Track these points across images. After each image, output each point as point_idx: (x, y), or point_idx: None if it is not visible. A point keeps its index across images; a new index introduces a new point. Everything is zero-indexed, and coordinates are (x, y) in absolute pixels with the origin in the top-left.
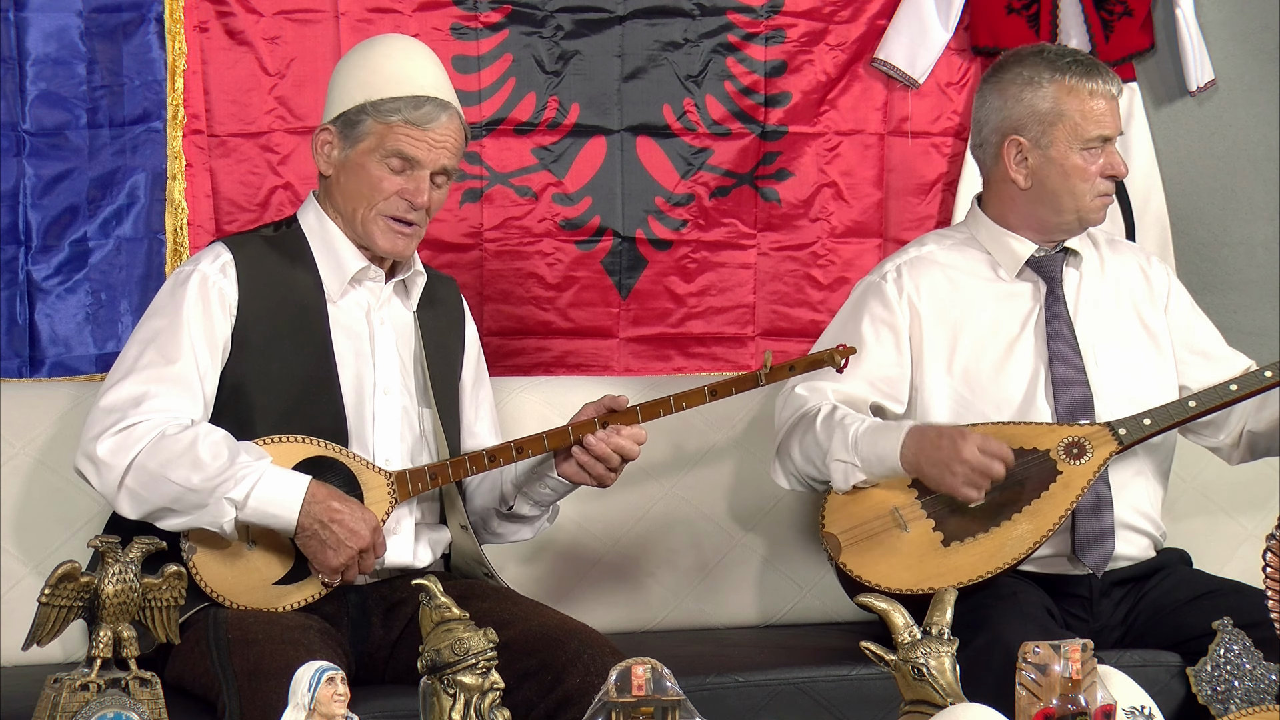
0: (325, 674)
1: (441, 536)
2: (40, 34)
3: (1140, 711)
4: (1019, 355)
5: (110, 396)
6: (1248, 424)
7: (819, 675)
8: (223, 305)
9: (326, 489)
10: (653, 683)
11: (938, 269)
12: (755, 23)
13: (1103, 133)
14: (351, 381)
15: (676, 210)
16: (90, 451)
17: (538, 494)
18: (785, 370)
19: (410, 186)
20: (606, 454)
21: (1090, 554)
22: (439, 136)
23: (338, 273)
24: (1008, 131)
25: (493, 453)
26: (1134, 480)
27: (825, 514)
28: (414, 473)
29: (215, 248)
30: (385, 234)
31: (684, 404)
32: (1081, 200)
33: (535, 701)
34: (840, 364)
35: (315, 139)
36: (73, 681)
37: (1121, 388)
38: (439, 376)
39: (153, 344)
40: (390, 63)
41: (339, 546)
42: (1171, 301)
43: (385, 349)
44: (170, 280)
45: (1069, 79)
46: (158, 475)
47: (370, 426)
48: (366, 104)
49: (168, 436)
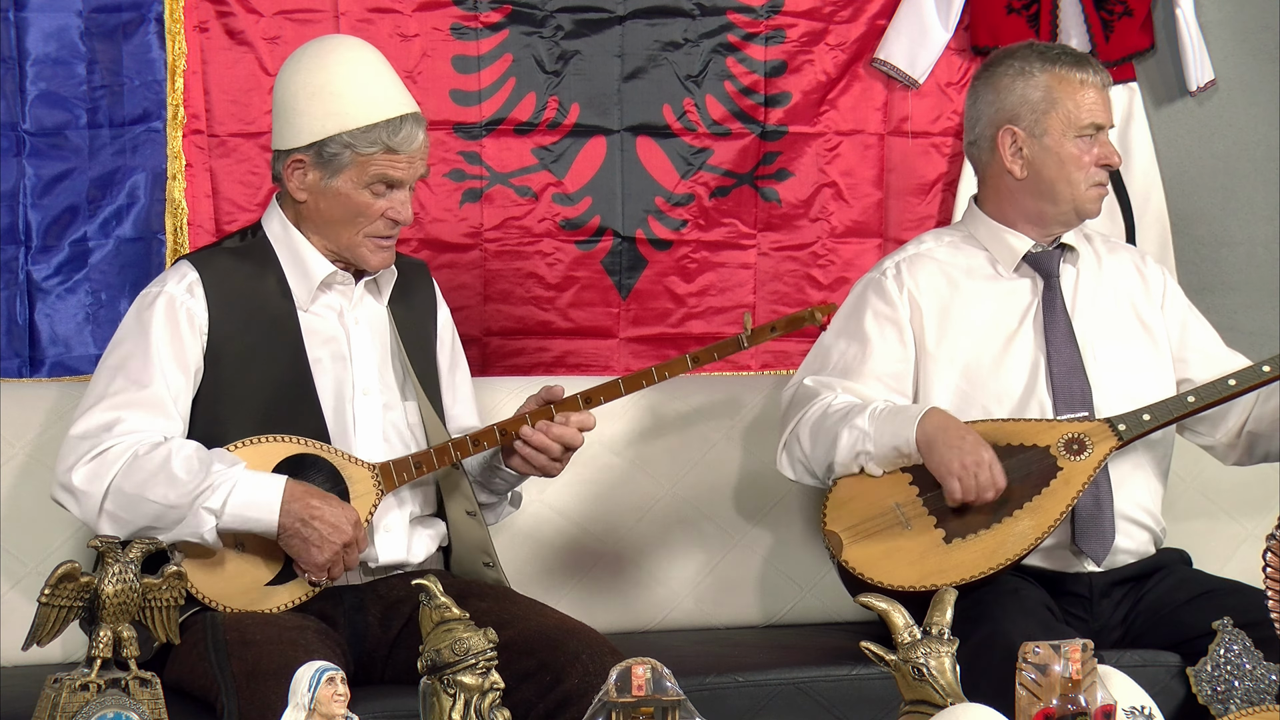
0: (325, 674)
1: (437, 529)
2: (40, 34)
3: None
4: (1018, 349)
5: (81, 424)
6: (1248, 424)
7: (819, 675)
8: (192, 326)
9: (304, 487)
10: (653, 683)
11: (936, 265)
12: (755, 23)
13: (1095, 121)
14: (331, 386)
15: (676, 210)
16: (66, 481)
17: (493, 484)
18: (767, 331)
19: (394, 206)
20: (546, 444)
21: (1091, 544)
22: (416, 151)
23: (305, 280)
24: (1002, 122)
25: (476, 437)
26: (1133, 474)
27: (827, 511)
28: (398, 463)
29: (180, 267)
30: (375, 253)
31: (666, 373)
32: (1077, 190)
33: (535, 701)
34: (822, 321)
35: (285, 164)
36: (73, 681)
37: (1119, 382)
38: (419, 368)
39: (121, 370)
40: (354, 87)
41: (322, 543)
42: (1168, 300)
43: (362, 350)
44: (136, 304)
45: (1060, 69)
46: (135, 496)
47: (352, 429)
48: (342, 135)
49: (140, 457)
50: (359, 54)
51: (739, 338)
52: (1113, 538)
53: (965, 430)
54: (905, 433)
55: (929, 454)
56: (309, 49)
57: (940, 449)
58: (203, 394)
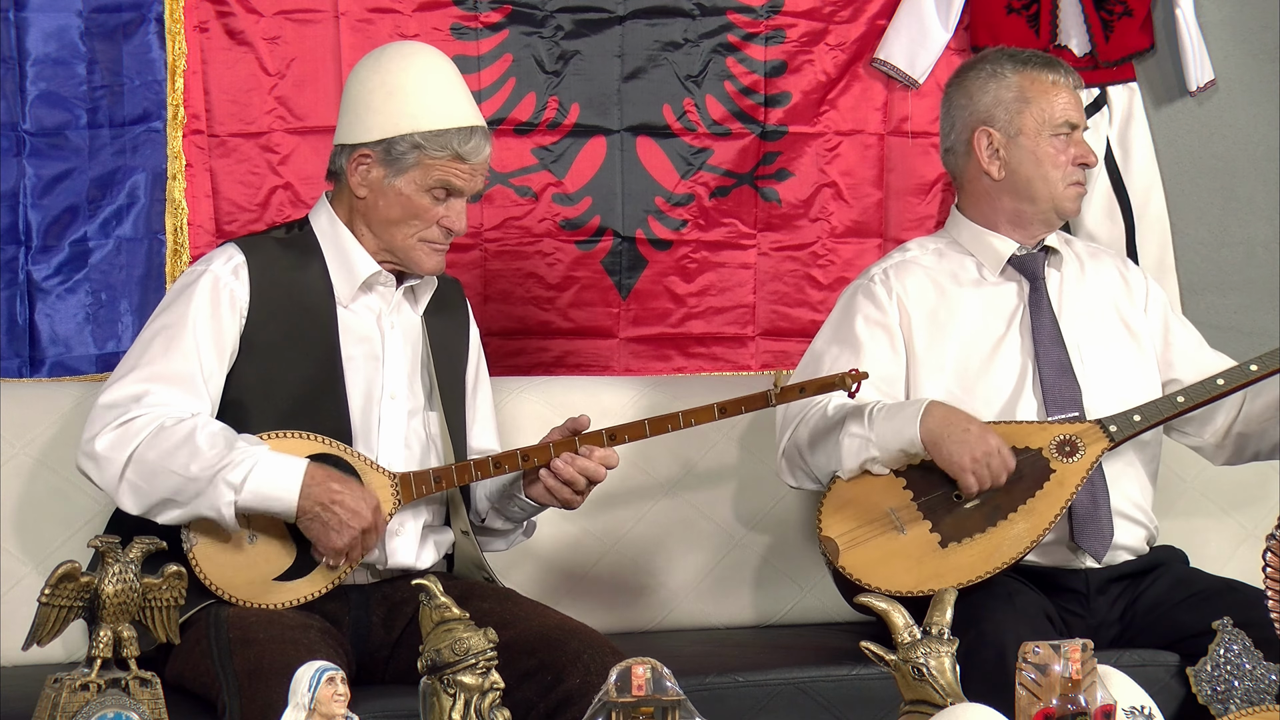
0: (325, 674)
1: (445, 538)
2: (40, 34)
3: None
4: (1006, 353)
5: (110, 394)
6: (1236, 424)
7: (819, 675)
8: (233, 307)
9: (324, 470)
10: (653, 683)
11: (922, 272)
12: (755, 23)
13: (1069, 119)
14: (360, 386)
15: (676, 210)
16: (90, 449)
17: (509, 511)
18: (795, 392)
19: (451, 214)
20: (573, 477)
21: (1090, 541)
22: (480, 164)
23: (349, 277)
24: (976, 124)
25: (498, 459)
26: (1126, 471)
27: (822, 517)
28: (418, 475)
29: (228, 249)
30: (429, 256)
31: (692, 420)
32: (1055, 188)
33: (535, 701)
34: (851, 388)
35: (350, 158)
36: (73, 681)
37: (1108, 383)
38: (446, 380)
39: (155, 342)
40: (431, 92)
41: (341, 528)
42: (1150, 303)
43: (395, 354)
44: (181, 279)
45: (1031, 69)
46: (157, 466)
47: (375, 431)
48: (415, 135)
49: (165, 429)
50: (438, 62)
51: (768, 394)
52: (1111, 534)
53: (969, 420)
54: (908, 432)
55: (936, 450)
56: (390, 49)
57: (947, 444)
58: (234, 377)
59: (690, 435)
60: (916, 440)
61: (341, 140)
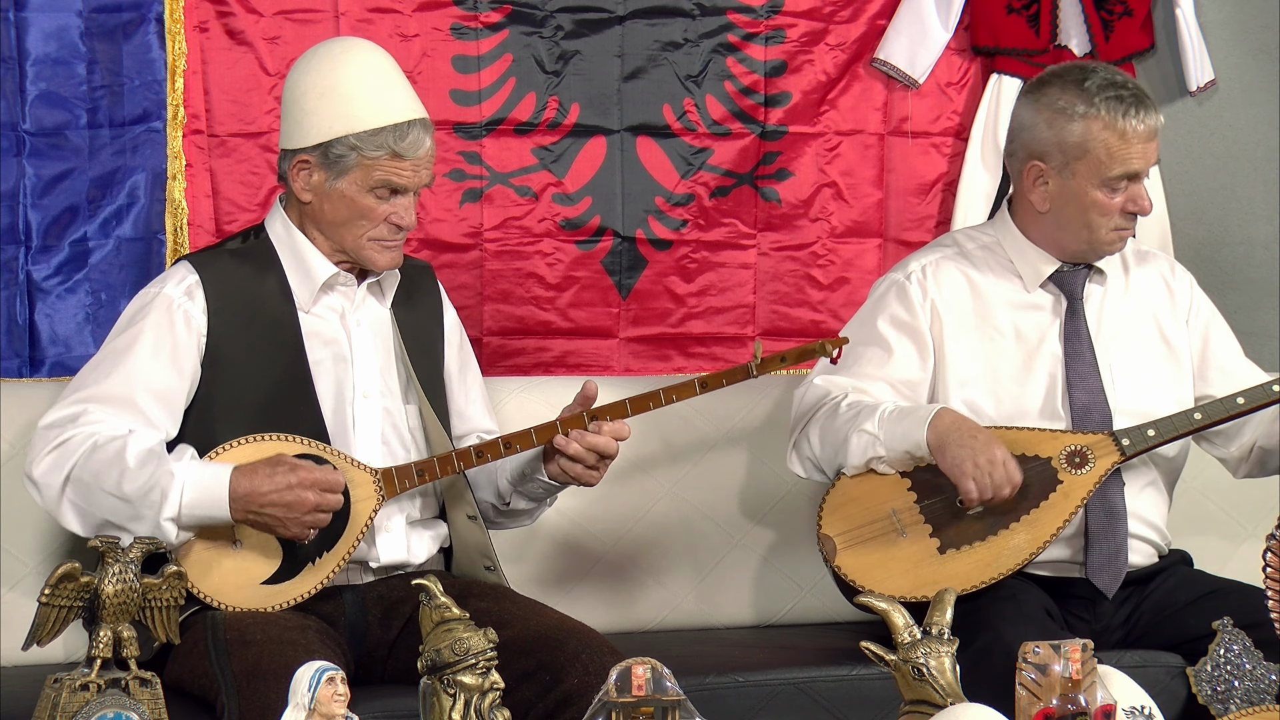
0: (325, 674)
1: (438, 531)
2: (40, 34)
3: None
4: (1038, 368)
5: (49, 416)
6: (1260, 440)
7: (819, 675)
8: (189, 329)
9: (246, 478)
10: (653, 683)
11: (960, 274)
12: (755, 23)
13: (1128, 171)
14: (331, 388)
15: (676, 210)
16: (29, 472)
17: (531, 491)
18: (776, 361)
19: (398, 211)
20: (581, 453)
21: (1102, 577)
22: (422, 158)
23: (307, 281)
24: (1032, 155)
25: (480, 449)
26: (1145, 490)
27: (823, 515)
28: (400, 470)
29: (180, 269)
30: (381, 254)
31: (674, 396)
32: (1096, 233)
33: (534, 701)
34: (833, 354)
35: (290, 164)
36: (73, 681)
37: (1137, 405)
38: (422, 371)
39: (101, 366)
40: (364, 90)
41: (285, 521)
42: (1193, 314)
43: (363, 351)
44: (133, 303)
45: (1104, 113)
46: (93, 485)
47: (351, 432)
48: (349, 137)
49: (99, 447)
50: (370, 57)
51: (749, 366)
52: (1125, 569)
53: (976, 429)
54: (916, 435)
55: (941, 455)
56: (320, 50)
57: (952, 450)
58: (200, 397)
59: (690, 435)
60: (923, 444)
61: (283, 145)
